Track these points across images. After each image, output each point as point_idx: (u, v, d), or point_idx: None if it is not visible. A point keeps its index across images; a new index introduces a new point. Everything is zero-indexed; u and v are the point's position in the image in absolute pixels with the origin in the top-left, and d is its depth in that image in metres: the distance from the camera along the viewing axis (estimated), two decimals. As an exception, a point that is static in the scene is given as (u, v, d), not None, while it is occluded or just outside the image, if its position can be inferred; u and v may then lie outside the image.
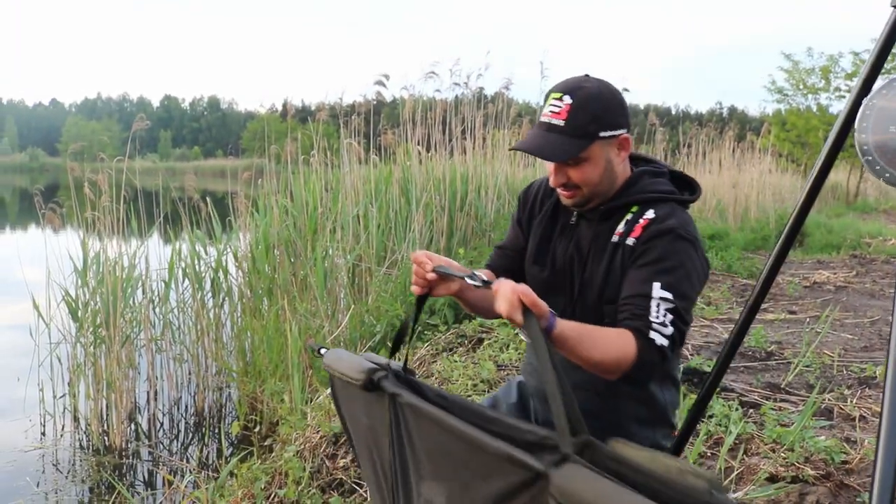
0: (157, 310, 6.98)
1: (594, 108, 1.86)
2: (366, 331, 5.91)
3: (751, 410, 4.05)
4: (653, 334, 1.74)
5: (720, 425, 3.70)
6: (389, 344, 5.54)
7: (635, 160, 2.06)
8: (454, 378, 4.29)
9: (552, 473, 1.23)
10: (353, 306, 6.24)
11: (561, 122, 1.86)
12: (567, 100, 1.86)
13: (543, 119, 1.89)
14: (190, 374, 7.17)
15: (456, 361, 4.62)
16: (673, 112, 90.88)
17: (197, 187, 8.06)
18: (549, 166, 1.95)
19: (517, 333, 4.92)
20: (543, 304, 1.56)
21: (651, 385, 2.01)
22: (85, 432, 6.22)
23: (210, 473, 4.86)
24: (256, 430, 5.53)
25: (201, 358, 7.04)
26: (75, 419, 6.32)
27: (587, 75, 1.94)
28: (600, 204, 1.98)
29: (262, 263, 7.05)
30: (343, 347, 6.45)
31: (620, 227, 1.92)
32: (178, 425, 6.60)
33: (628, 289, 1.83)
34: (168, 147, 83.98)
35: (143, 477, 5.55)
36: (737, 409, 3.91)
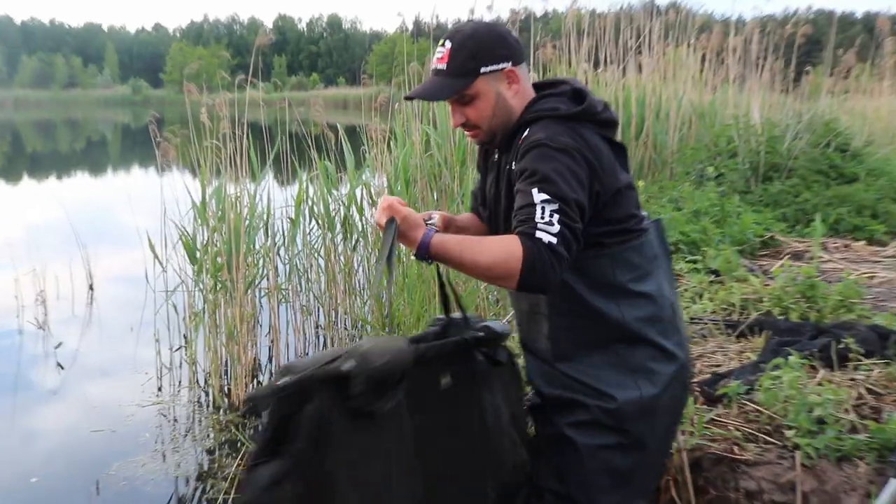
0: (283, 253, 7.27)
1: (470, 47, 2.23)
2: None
3: None
4: (539, 234, 2.01)
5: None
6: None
7: (542, 86, 2.38)
8: (636, 332, 4.28)
9: None
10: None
11: (444, 66, 2.26)
12: (447, 44, 2.26)
13: (432, 66, 2.32)
14: (318, 326, 7.46)
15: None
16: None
17: (320, 119, 8.29)
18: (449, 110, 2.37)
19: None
20: (415, 216, 2.14)
21: (596, 302, 2.27)
22: (203, 389, 6.61)
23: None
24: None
25: (331, 308, 7.28)
26: (193, 373, 6.72)
27: (470, 19, 2.34)
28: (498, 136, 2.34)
29: (402, 198, 7.18)
30: (500, 302, 6.55)
31: (512, 154, 2.26)
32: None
33: (515, 205, 2.12)
34: (283, 75, 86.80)
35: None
36: None
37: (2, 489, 5.10)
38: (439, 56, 2.27)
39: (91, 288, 9.21)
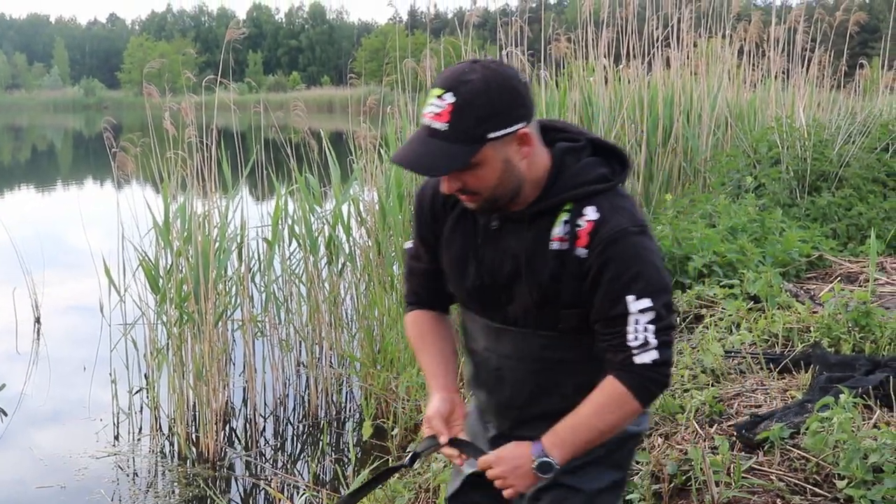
0: (259, 279, 7.30)
1: (480, 107, 2.07)
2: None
3: None
4: (638, 359, 2.14)
5: None
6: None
7: (548, 130, 2.28)
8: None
9: None
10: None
11: (443, 126, 2.07)
12: (449, 98, 2.07)
13: (424, 121, 2.11)
14: (300, 364, 7.48)
15: (666, 346, 4.60)
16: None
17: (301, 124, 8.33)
18: None
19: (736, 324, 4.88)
20: (513, 462, 2.23)
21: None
22: (167, 436, 6.63)
23: (329, 492, 5.07)
24: (394, 433, 5.73)
25: (314, 343, 7.30)
26: (156, 419, 6.73)
27: (474, 61, 2.14)
28: (518, 204, 2.23)
29: (395, 217, 7.22)
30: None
31: (558, 231, 2.21)
32: (283, 430, 6.92)
33: (600, 311, 2.18)
34: (259, 74, 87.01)
35: (241, 493, 5.88)
36: None
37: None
38: (436, 111, 2.09)
39: (38, 321, 9.23)
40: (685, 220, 6.34)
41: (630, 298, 2.12)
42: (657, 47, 9.88)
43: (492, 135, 2.08)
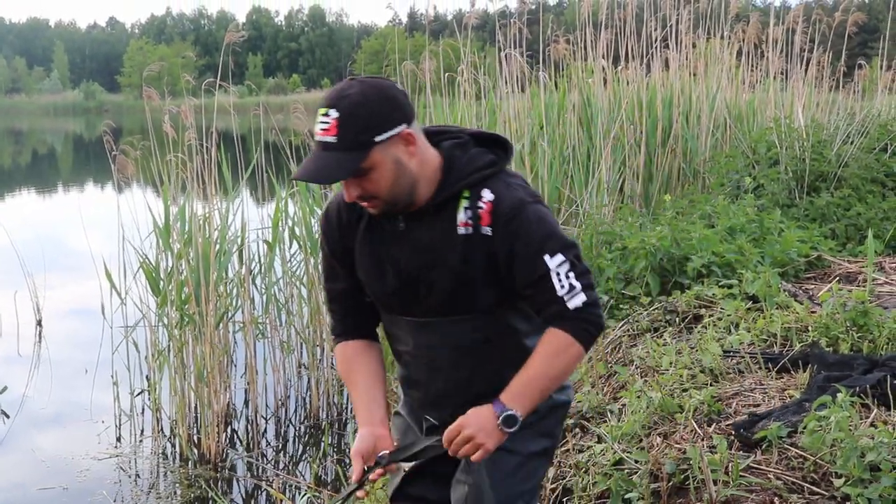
0: (259, 281, 7.32)
1: (361, 116, 2.29)
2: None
3: None
4: (570, 304, 2.36)
5: None
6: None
7: (432, 135, 2.51)
8: (663, 367, 4.31)
9: None
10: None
11: (332, 139, 2.28)
12: (333, 114, 2.29)
13: (317, 137, 2.32)
14: (301, 365, 7.50)
15: (665, 345, 4.62)
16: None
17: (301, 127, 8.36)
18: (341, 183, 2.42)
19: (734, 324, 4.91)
20: (486, 415, 2.37)
21: (526, 341, 2.55)
22: (169, 438, 6.66)
23: (331, 492, 5.09)
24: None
25: (316, 345, 7.33)
26: (157, 420, 6.76)
27: (352, 78, 2.37)
28: (417, 202, 2.43)
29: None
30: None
31: (462, 216, 2.43)
32: (285, 432, 6.95)
33: (524, 277, 2.40)
34: (259, 77, 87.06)
35: (243, 494, 5.90)
36: None
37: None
38: (324, 127, 2.30)
39: (39, 323, 9.27)
40: (684, 221, 6.36)
41: (546, 257, 2.36)
42: (656, 48, 9.90)
43: (377, 138, 2.29)
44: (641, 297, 5.47)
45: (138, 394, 7.11)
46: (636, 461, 3.46)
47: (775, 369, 4.24)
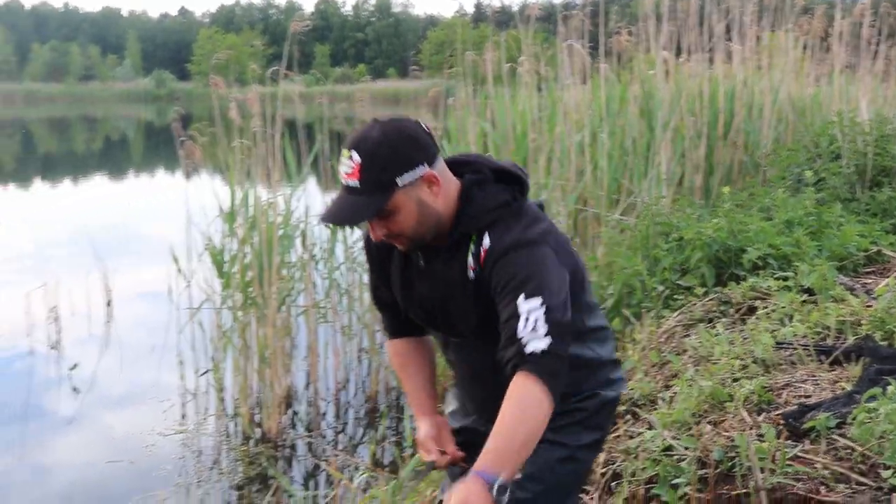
0: (321, 266, 7.43)
1: (382, 157, 2.30)
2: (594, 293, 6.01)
3: None
4: (529, 348, 2.25)
5: None
6: (624, 311, 5.63)
7: (455, 165, 2.52)
8: (715, 356, 4.31)
9: None
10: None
11: (355, 183, 2.31)
12: (356, 157, 2.31)
13: (341, 181, 2.35)
14: (362, 350, 7.62)
15: (718, 335, 4.62)
16: None
17: (366, 115, 8.46)
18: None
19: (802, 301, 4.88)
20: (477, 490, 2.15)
21: (576, 351, 2.50)
22: (232, 417, 6.81)
23: (389, 473, 5.18)
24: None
25: (376, 331, 7.44)
26: (220, 399, 6.92)
27: (375, 121, 2.37)
28: (442, 238, 2.47)
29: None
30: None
31: (470, 261, 2.45)
32: (344, 414, 7.06)
33: (502, 316, 2.33)
34: (326, 66, 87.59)
35: (303, 473, 6.02)
36: None
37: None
38: (347, 171, 2.32)
39: (109, 304, 9.49)
40: (742, 213, 6.33)
41: (520, 300, 2.28)
42: (719, 41, 9.84)
43: (400, 181, 2.31)
44: (696, 287, 5.45)
45: (203, 374, 7.26)
46: (685, 448, 3.48)
47: (828, 361, 4.21)
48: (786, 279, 5.23)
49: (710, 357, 4.40)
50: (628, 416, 4.19)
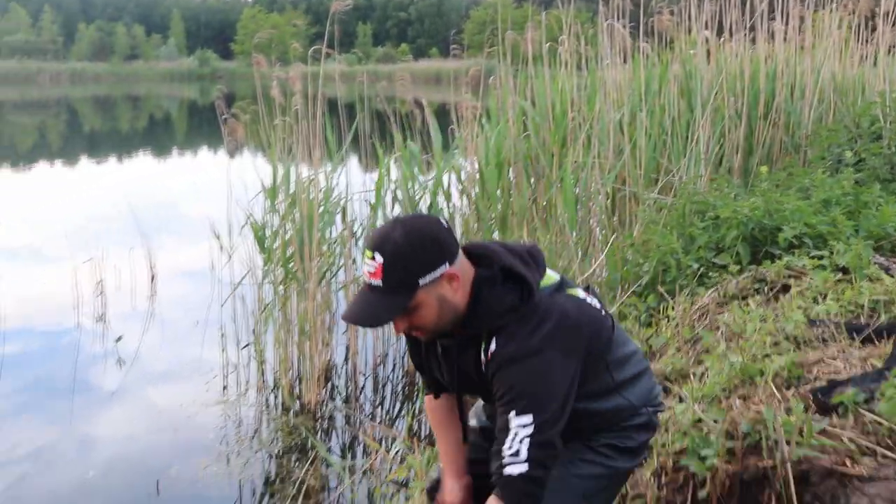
0: (361, 243, 7.53)
1: (406, 261, 2.40)
2: (629, 271, 6.08)
3: None
4: (507, 469, 2.40)
5: None
6: (659, 288, 5.67)
7: (471, 255, 2.60)
8: (747, 333, 4.34)
9: None
10: (612, 237, 6.42)
11: (378, 283, 2.42)
12: (378, 258, 2.41)
13: (364, 279, 2.47)
14: (400, 326, 7.70)
15: (751, 312, 4.65)
16: None
17: (407, 95, 8.53)
18: None
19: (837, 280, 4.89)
20: None
21: (592, 405, 2.69)
22: (272, 389, 6.93)
23: (426, 444, 5.27)
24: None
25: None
26: (261, 372, 7.04)
27: (396, 219, 2.49)
28: (458, 328, 2.57)
29: (493, 185, 7.34)
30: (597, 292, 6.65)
31: (482, 356, 2.55)
32: (382, 388, 7.16)
33: (497, 424, 2.48)
34: (368, 45, 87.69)
35: (341, 444, 6.14)
36: None
37: (58, 485, 5.50)
38: (371, 271, 2.42)
39: (153, 279, 9.64)
40: (779, 193, 6.31)
41: (512, 415, 2.42)
42: (761, 20, 9.77)
43: (422, 281, 2.42)
44: (731, 265, 5.45)
45: (244, 347, 7.39)
46: (714, 420, 3.51)
47: (860, 339, 4.20)
48: (821, 258, 5.21)
49: (742, 334, 4.43)
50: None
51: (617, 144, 7.73)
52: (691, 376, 4.19)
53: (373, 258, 2.42)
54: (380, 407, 6.89)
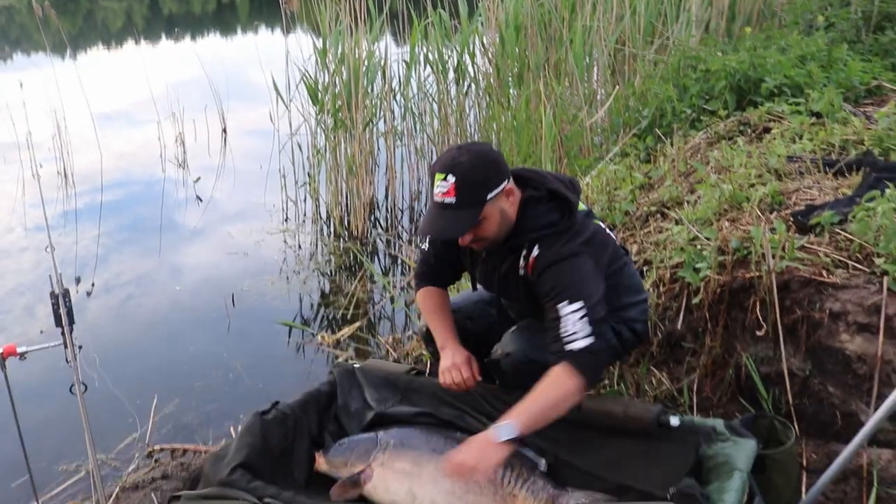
0: (399, 97, 7.31)
1: (476, 179, 2.39)
2: (630, 117, 5.89)
3: None
4: (571, 346, 2.34)
5: None
6: (657, 131, 5.46)
7: (520, 179, 2.59)
8: (735, 167, 4.17)
9: None
10: (617, 88, 6.19)
11: (452, 200, 2.40)
12: (451, 179, 2.38)
13: (436, 199, 2.42)
14: (432, 166, 7.56)
15: (738, 148, 4.46)
16: None
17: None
18: None
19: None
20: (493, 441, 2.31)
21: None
22: (325, 220, 6.85)
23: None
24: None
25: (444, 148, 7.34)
26: (316, 206, 6.95)
27: (459, 146, 2.46)
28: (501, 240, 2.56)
29: (512, 46, 7.08)
30: (602, 135, 6.47)
31: (521, 262, 2.56)
32: (417, 219, 7.07)
33: (547, 315, 2.43)
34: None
35: (382, 265, 6.08)
36: None
37: (156, 301, 5.53)
38: (444, 190, 2.39)
39: (224, 133, 9.47)
40: (762, 51, 6.04)
41: (562, 304, 2.38)
42: None
43: (489, 196, 2.41)
44: (720, 111, 5.29)
45: (301, 185, 7.28)
46: (707, 238, 3.40)
47: (832, 172, 4.05)
48: (798, 104, 5.04)
49: (730, 167, 4.27)
50: (658, 216, 4.09)
51: (618, 11, 7.36)
52: (685, 203, 4.04)
53: (445, 179, 2.39)
54: (414, 234, 6.81)
